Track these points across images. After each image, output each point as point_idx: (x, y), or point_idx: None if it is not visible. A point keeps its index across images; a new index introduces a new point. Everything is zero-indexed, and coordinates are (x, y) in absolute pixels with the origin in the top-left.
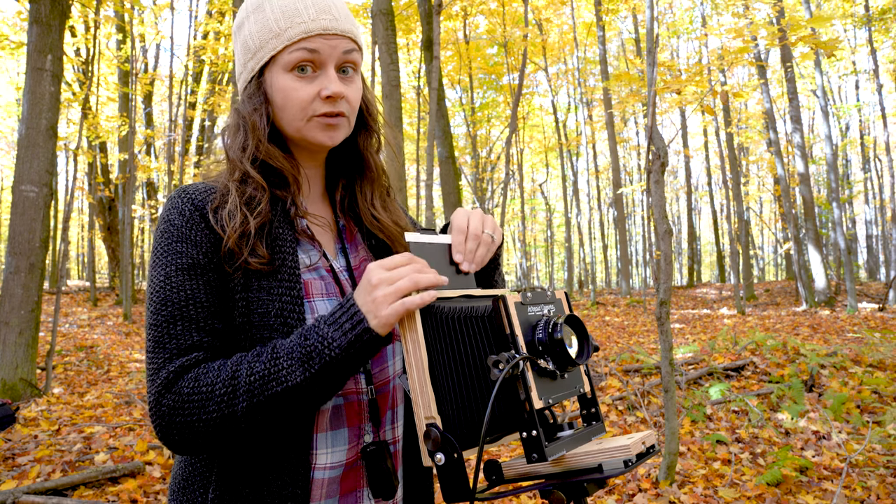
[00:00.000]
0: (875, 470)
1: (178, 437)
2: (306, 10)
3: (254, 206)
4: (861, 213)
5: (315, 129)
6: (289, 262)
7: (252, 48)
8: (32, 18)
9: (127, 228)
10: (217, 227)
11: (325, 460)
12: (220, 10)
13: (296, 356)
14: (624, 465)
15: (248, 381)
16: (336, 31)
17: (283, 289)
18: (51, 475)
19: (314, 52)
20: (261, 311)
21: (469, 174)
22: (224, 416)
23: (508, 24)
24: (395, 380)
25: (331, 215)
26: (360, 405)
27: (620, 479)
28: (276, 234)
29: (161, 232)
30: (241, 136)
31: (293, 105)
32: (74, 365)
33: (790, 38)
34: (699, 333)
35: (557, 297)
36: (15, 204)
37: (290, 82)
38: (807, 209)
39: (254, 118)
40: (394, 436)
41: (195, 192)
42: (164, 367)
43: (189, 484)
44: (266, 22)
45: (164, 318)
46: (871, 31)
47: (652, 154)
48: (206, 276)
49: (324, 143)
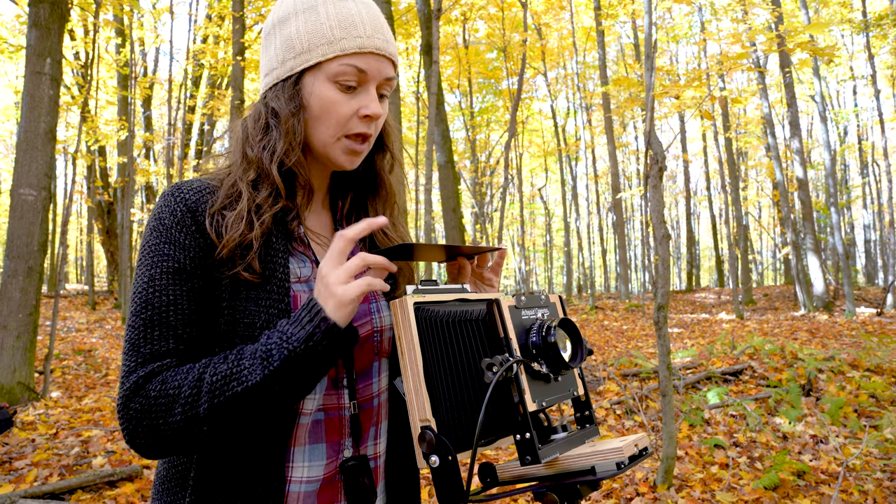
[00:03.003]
0: (872, 474)
1: (143, 440)
2: (363, 26)
3: (261, 215)
4: (859, 218)
5: (340, 150)
6: (279, 274)
7: (298, 48)
8: (32, 22)
9: (126, 232)
10: (211, 231)
11: (302, 474)
12: (220, 15)
13: (257, 355)
14: (616, 467)
15: (211, 382)
16: (385, 54)
17: (270, 301)
18: (48, 479)
19: (363, 70)
20: (246, 322)
21: (468, 178)
22: (188, 419)
23: (508, 29)
24: (382, 396)
25: (330, 224)
26: (341, 420)
27: (618, 483)
28: (270, 243)
29: (150, 229)
30: (273, 138)
31: (331, 118)
32: (72, 368)
33: (788, 45)
34: (698, 338)
35: (552, 301)
36: (13, 207)
37: (333, 93)
38: (805, 214)
39: (291, 122)
40: (375, 452)
41: (190, 191)
42: (135, 370)
43: (169, 485)
44: (319, 25)
45: (143, 321)
46: (869, 36)
47: (650, 159)
48: (191, 283)
49: (344, 166)
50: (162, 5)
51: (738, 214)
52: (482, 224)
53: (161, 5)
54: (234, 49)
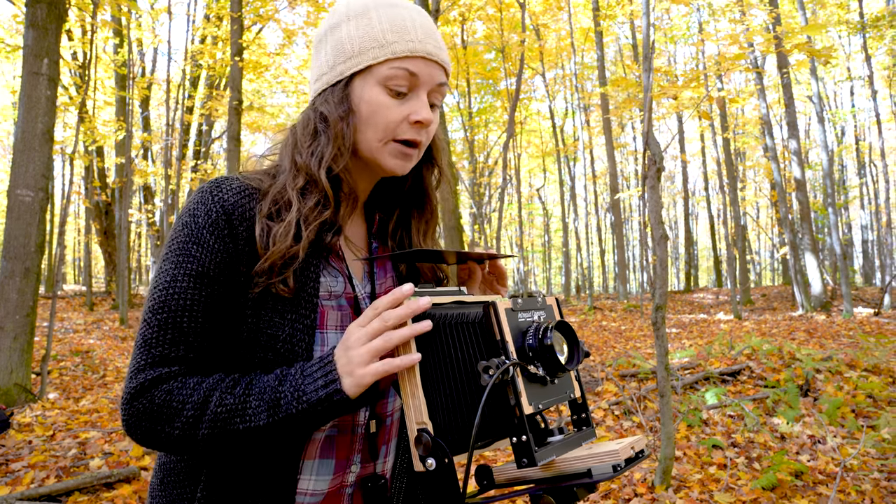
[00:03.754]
0: (869, 474)
1: (140, 438)
2: (415, 30)
3: (308, 226)
4: (857, 218)
5: (390, 154)
6: (309, 289)
7: (348, 52)
8: (29, 22)
9: (123, 233)
10: (257, 239)
11: (308, 487)
12: (218, 15)
13: (266, 399)
14: (613, 469)
15: (215, 412)
16: (437, 59)
17: (297, 315)
18: (45, 481)
19: (414, 74)
20: (270, 333)
21: (466, 179)
22: (185, 436)
23: (506, 30)
24: (395, 415)
25: (364, 235)
26: (354, 437)
27: (616, 484)
28: (306, 257)
29: (182, 225)
30: (322, 142)
31: (380, 122)
32: (70, 370)
33: (785, 46)
34: (696, 338)
35: (548, 304)
36: (10, 208)
37: (383, 98)
38: (803, 214)
39: (340, 126)
40: (382, 469)
41: (229, 191)
42: (144, 370)
43: (177, 478)
44: (371, 30)
45: (158, 320)
46: (866, 38)
47: (648, 159)
48: (211, 288)
49: (394, 171)
50: (160, 5)
51: (736, 215)
52: (480, 224)
53: (159, 5)
54: (232, 49)
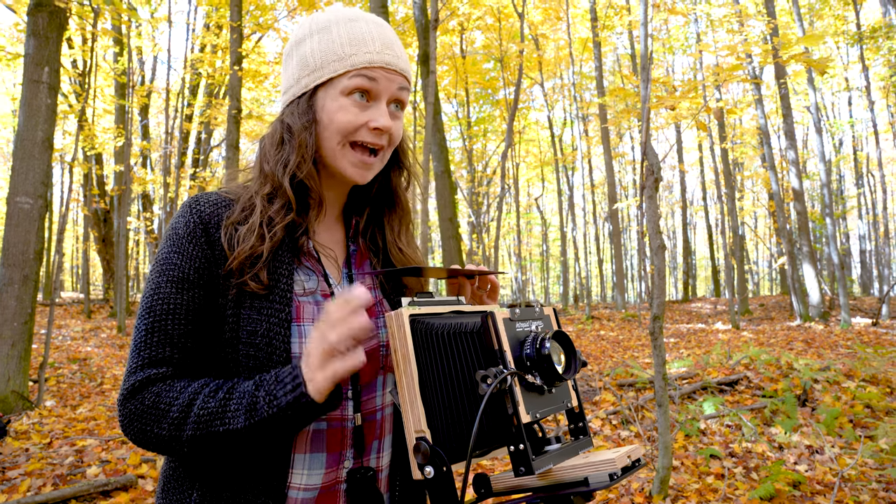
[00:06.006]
0: (867, 484)
1: (133, 438)
2: (373, 42)
3: (272, 227)
4: (855, 229)
5: (350, 164)
6: (282, 285)
7: (311, 65)
8: (30, 31)
9: (122, 240)
10: (224, 243)
11: (300, 481)
12: (218, 24)
13: (244, 403)
14: (609, 478)
15: (198, 414)
16: (396, 68)
17: (272, 310)
18: (42, 489)
19: (373, 80)
20: (249, 329)
21: (465, 188)
22: (172, 437)
23: (505, 40)
24: (386, 410)
25: (342, 239)
26: (343, 432)
27: (613, 493)
28: (277, 255)
29: (165, 238)
30: (286, 151)
31: (337, 125)
32: (67, 377)
33: (783, 57)
34: (693, 348)
35: (546, 314)
36: (9, 215)
37: (345, 106)
38: (801, 224)
39: (303, 136)
40: (378, 465)
41: (206, 204)
42: (135, 372)
43: (176, 483)
44: (331, 44)
45: (145, 325)
46: (863, 48)
47: (646, 169)
48: (192, 292)
49: (354, 178)
50: (160, 14)
51: (734, 225)
52: (479, 233)
53: (159, 14)
54: (231, 58)
